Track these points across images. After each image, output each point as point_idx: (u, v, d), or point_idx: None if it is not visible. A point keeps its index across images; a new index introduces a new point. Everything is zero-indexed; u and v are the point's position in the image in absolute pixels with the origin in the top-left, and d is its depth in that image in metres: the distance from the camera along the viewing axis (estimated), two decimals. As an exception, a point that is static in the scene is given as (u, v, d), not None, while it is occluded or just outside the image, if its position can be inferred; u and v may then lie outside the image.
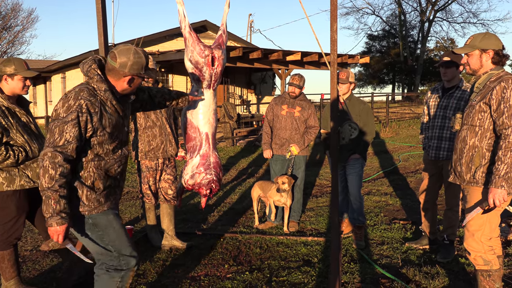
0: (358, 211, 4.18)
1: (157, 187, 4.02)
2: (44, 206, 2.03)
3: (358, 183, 4.20)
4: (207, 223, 4.89)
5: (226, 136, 11.91)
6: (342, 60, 14.61)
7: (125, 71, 2.17)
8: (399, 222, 4.71)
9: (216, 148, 2.82)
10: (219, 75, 2.74)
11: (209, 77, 2.71)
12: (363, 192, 6.14)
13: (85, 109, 2.09)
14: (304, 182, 4.75)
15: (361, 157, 4.21)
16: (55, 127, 2.07)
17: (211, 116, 2.74)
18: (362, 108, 4.21)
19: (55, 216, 2.03)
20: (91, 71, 2.19)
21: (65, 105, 2.09)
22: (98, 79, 2.17)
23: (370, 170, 8.08)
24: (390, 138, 12.68)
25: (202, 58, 2.65)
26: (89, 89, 2.15)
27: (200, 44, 2.68)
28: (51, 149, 2.04)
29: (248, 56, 12.25)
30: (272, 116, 4.69)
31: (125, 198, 6.11)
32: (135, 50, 2.18)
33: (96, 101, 2.14)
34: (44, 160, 2.03)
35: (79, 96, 2.11)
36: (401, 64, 37.72)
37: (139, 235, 4.35)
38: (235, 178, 7.69)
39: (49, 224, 2.04)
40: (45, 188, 2.02)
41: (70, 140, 2.07)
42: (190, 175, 2.69)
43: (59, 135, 2.06)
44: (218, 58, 2.66)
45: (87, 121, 2.10)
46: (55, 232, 2.05)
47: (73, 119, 2.07)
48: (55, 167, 2.03)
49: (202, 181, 2.62)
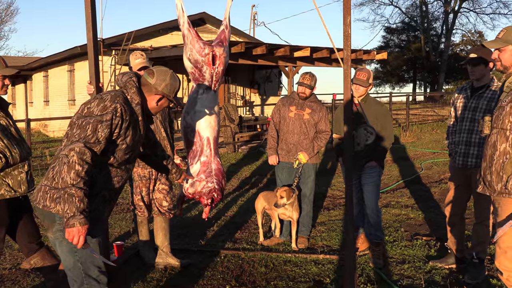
0: (376, 225, 4.17)
1: (150, 198, 4.04)
2: (66, 205, 2.10)
3: (375, 194, 4.19)
4: (206, 238, 4.89)
5: (226, 141, 11.95)
6: (356, 56, 14.62)
7: (158, 89, 2.44)
8: (422, 238, 4.69)
9: (219, 154, 2.84)
10: (221, 75, 2.76)
11: (209, 77, 2.73)
12: (380, 204, 6.13)
13: (119, 113, 2.28)
14: (314, 193, 4.75)
15: (378, 165, 4.20)
16: (87, 124, 2.21)
17: (213, 119, 2.76)
18: (380, 110, 4.21)
19: (79, 215, 2.11)
20: (131, 82, 2.42)
21: (101, 104, 2.27)
22: (135, 91, 2.41)
23: (389, 179, 8.06)
24: (411, 144, 12.66)
25: (202, 57, 2.67)
26: (124, 97, 2.37)
27: (200, 41, 2.71)
28: (81, 144, 2.15)
29: (251, 52, 12.30)
30: (279, 118, 4.70)
31: (115, 210, 6.13)
32: (173, 74, 2.48)
33: (128, 110, 2.34)
34: (71, 156, 2.12)
35: (115, 100, 2.30)
36: (422, 60, 37.70)
37: (130, 252, 4.36)
38: (237, 188, 7.70)
39: (70, 224, 2.10)
40: (69, 185, 2.10)
41: (101, 140, 2.22)
42: (190, 183, 2.71)
43: (92, 132, 2.20)
44: (220, 56, 2.69)
45: (117, 126, 2.28)
46: (77, 232, 2.12)
47: (107, 120, 2.23)
48: (83, 163, 2.13)
49: (203, 189, 2.64)
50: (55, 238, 2.31)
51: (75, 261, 2.31)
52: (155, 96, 2.45)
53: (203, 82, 2.76)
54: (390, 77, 41.17)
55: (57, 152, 2.27)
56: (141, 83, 2.46)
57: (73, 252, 2.31)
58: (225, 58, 2.72)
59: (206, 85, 2.77)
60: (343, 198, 6.63)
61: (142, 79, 2.46)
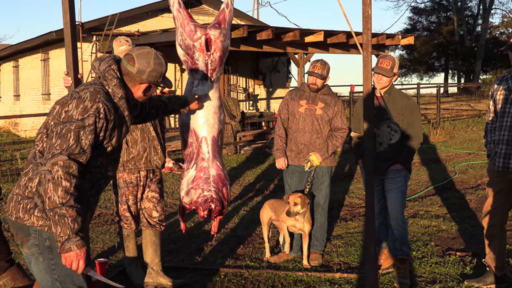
0: (401, 239, 4.16)
1: (138, 207, 4.05)
2: (58, 227, 2.12)
3: (401, 203, 4.18)
4: (203, 254, 4.90)
5: (226, 141, 11.96)
6: (378, 41, 14.60)
7: (143, 77, 2.38)
8: (456, 253, 4.68)
9: (221, 156, 2.83)
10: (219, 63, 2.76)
11: (204, 66, 2.73)
12: (407, 214, 6.12)
13: (103, 114, 2.26)
14: (329, 201, 4.75)
15: (405, 168, 4.20)
16: (68, 132, 2.19)
17: (211, 116, 2.76)
18: (406, 104, 4.21)
19: (74, 238, 2.13)
20: (111, 72, 2.37)
21: (80, 106, 2.24)
22: (117, 84, 2.36)
23: (417, 185, 8.04)
24: (442, 143, 12.62)
25: (193, 42, 2.67)
26: (104, 92, 2.33)
27: (191, 23, 2.71)
28: (65, 157, 2.16)
29: (255, 37, 12.30)
30: (287, 115, 4.70)
31: (97, 222, 6.16)
32: (156, 54, 2.43)
33: (112, 107, 2.32)
34: (55, 171, 2.13)
35: (96, 98, 2.27)
36: (456, 46, 37.58)
37: (114, 271, 4.37)
38: (239, 196, 7.70)
39: (67, 248, 2.12)
40: (58, 204, 2.12)
41: (85, 148, 2.22)
42: (185, 191, 2.71)
43: (74, 141, 2.19)
44: (215, 40, 2.69)
45: (102, 128, 2.27)
46: (75, 256, 2.15)
47: (90, 125, 2.22)
48: (70, 178, 2.15)
49: (199, 199, 2.63)
50: (31, 254, 2.32)
51: (53, 280, 2.32)
52: (141, 86, 2.42)
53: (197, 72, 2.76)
54: (418, 66, 41.07)
55: (38, 168, 2.27)
56: (122, 72, 2.41)
57: (51, 270, 2.32)
58: (222, 43, 2.72)
59: (201, 75, 2.77)
60: (363, 207, 6.63)
61: (122, 68, 2.41)
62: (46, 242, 2.31)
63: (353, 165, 9.80)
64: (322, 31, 12.99)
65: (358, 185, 8.17)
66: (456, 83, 35.88)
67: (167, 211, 6.59)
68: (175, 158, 10.18)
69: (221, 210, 2.69)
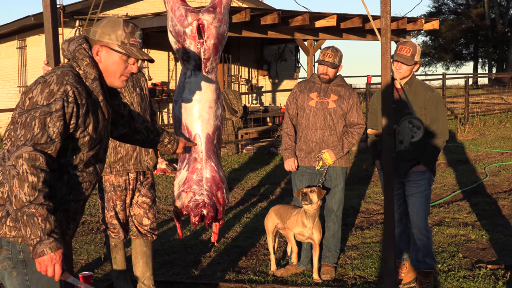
0: (424, 250, 4.16)
1: (127, 214, 4.06)
2: (28, 229, 2.09)
3: (424, 209, 4.18)
4: (200, 267, 4.91)
5: (227, 140, 11.97)
6: (398, 26, 14.58)
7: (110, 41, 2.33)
8: (487, 266, 4.67)
9: (218, 156, 2.84)
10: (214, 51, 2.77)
11: (196, 55, 2.75)
12: (431, 221, 6.11)
13: (72, 98, 2.22)
14: (343, 207, 4.75)
15: (428, 170, 4.20)
16: (33, 119, 2.16)
17: (206, 110, 2.77)
18: (429, 97, 4.20)
19: (47, 239, 2.10)
20: (81, 51, 2.35)
21: (45, 90, 2.21)
22: (89, 63, 2.34)
23: (442, 188, 8.03)
24: (471, 141, 12.59)
25: (184, 28, 2.68)
26: (74, 73, 2.30)
27: (182, 7, 2.72)
28: (30, 148, 2.12)
29: (259, 21, 12.30)
30: (296, 110, 4.71)
31: (80, 231, 6.17)
32: (126, 21, 2.38)
33: (84, 90, 2.29)
34: (20, 165, 2.10)
35: (64, 80, 2.24)
36: (486, 31, 37.46)
37: (100, 286, 4.39)
38: (241, 201, 7.71)
39: (39, 252, 2.09)
40: (25, 203, 2.08)
41: (53, 137, 2.18)
42: (176, 194, 2.73)
43: (40, 129, 2.15)
44: (208, 26, 2.70)
45: (72, 114, 2.23)
46: (49, 261, 2.12)
47: (57, 110, 2.18)
48: (37, 172, 2.11)
49: (190, 203, 2.65)
50: (3, 268, 2.32)
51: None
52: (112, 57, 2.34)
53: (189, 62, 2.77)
54: (443, 54, 40.98)
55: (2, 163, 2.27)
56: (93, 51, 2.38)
57: (25, 287, 2.31)
58: (217, 29, 2.72)
59: (193, 65, 2.78)
60: (381, 213, 6.62)
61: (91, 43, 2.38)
62: (20, 255, 2.29)
63: (370, 166, 9.78)
64: (335, 15, 12.97)
65: (376, 189, 8.16)
66: (487, 73, 35.82)
67: (160, 218, 6.61)
68: (168, 158, 10.20)
69: (214, 217, 2.68)
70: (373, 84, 15.10)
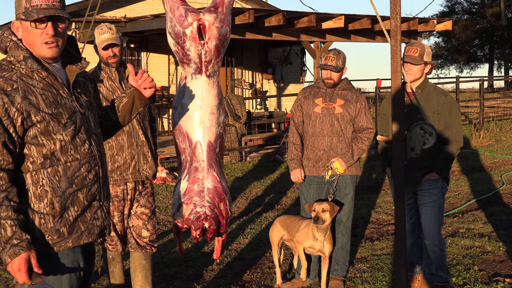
0: (438, 262, 4.14)
1: (125, 226, 4.06)
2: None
3: (437, 219, 4.17)
4: (202, 281, 4.90)
5: (230, 147, 11.98)
6: (409, 27, 14.59)
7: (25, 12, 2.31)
8: (504, 280, 4.65)
9: (220, 165, 2.83)
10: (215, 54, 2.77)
11: (196, 58, 2.74)
12: (445, 232, 6.09)
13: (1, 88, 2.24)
14: (352, 217, 4.74)
15: (441, 178, 4.19)
16: None
17: (207, 117, 2.76)
18: (442, 102, 4.20)
19: (6, 248, 2.13)
20: (4, 39, 2.39)
21: None
22: (12, 46, 2.37)
23: (456, 197, 8.01)
24: (487, 148, 12.56)
25: (183, 29, 2.68)
26: (2, 64, 2.34)
27: (182, 7, 2.72)
28: None
29: (263, 23, 12.32)
30: (302, 117, 4.70)
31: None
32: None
33: (12, 75, 2.30)
34: None
35: None
36: (502, 32, 37.45)
37: (97, 301, 4.38)
38: (245, 211, 7.70)
39: (4, 261, 2.14)
40: None
41: None
42: (176, 206, 2.71)
43: None
44: (209, 27, 2.69)
45: (5, 105, 2.23)
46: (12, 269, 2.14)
47: None
48: None
49: (190, 216, 2.63)
50: None
51: None
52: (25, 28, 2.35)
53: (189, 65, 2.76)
54: (457, 56, 40.98)
55: None
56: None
57: None
58: (219, 30, 2.72)
59: (194, 69, 2.78)
60: (392, 224, 6.61)
61: None
62: None
63: (380, 174, 9.77)
64: (343, 16, 13.00)
65: (386, 198, 8.15)
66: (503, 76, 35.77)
67: (160, 229, 6.61)
68: (168, 166, 10.21)
69: (217, 230, 2.66)
70: (383, 88, 15.13)
